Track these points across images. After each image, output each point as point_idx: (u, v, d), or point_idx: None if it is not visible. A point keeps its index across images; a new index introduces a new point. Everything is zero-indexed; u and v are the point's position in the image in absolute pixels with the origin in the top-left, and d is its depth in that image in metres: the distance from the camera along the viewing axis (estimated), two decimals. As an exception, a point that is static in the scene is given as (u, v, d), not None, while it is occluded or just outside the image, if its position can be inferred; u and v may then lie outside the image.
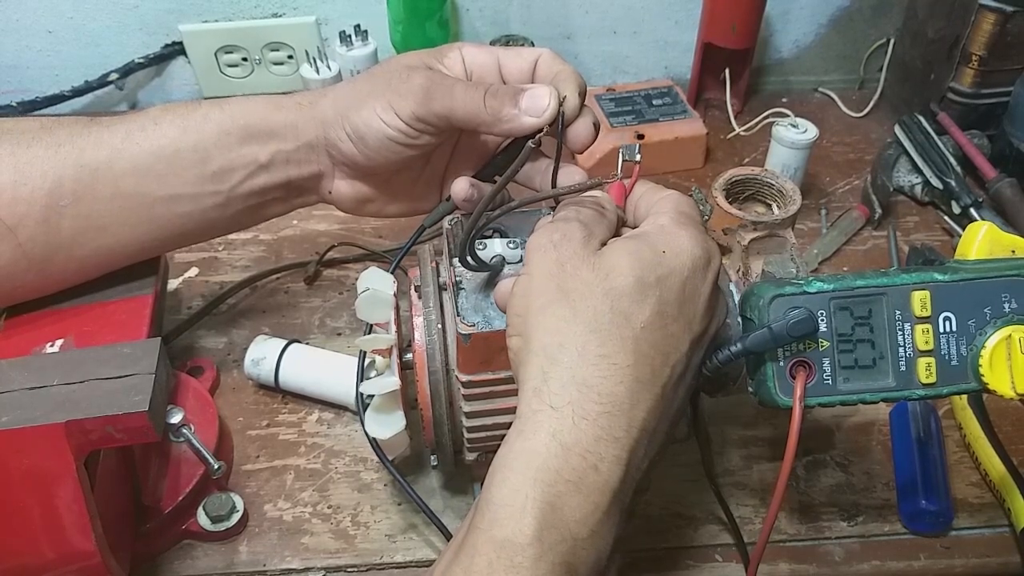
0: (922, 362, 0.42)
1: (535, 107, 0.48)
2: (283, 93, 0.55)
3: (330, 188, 0.56)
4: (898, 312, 0.42)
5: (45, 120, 0.54)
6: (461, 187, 0.52)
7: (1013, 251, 0.44)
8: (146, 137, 0.52)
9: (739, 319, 0.45)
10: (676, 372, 0.40)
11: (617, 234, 0.44)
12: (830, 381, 0.42)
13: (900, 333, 0.42)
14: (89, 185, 0.51)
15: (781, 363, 0.42)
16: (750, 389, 0.44)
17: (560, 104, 0.48)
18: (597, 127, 0.49)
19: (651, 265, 0.39)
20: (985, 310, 0.42)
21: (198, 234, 0.56)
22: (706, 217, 0.46)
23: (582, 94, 0.49)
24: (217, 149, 0.52)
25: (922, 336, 0.42)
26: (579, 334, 0.38)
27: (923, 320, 0.42)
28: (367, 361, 0.53)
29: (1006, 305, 0.42)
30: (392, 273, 0.54)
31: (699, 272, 0.41)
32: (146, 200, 0.52)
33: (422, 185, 0.57)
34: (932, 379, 0.42)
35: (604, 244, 0.42)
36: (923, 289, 0.42)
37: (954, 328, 0.42)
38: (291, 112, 0.53)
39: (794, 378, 0.42)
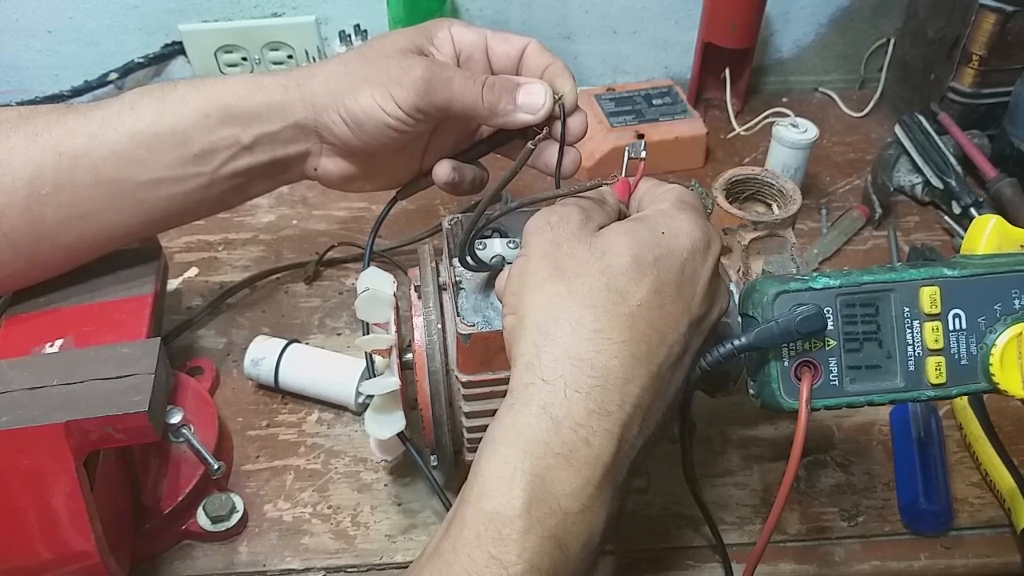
0: (931, 361, 0.40)
1: (531, 104, 0.49)
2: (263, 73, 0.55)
3: (316, 166, 0.56)
4: (907, 309, 0.40)
5: (23, 109, 0.53)
6: (444, 170, 0.54)
7: (1022, 245, 0.42)
8: (123, 122, 0.52)
9: (739, 318, 0.43)
10: (674, 352, 0.39)
11: None
12: (836, 382, 0.40)
13: (909, 331, 0.40)
14: (69, 173, 0.51)
15: (786, 363, 0.40)
16: (751, 391, 0.43)
17: (559, 99, 0.50)
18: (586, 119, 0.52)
19: (649, 245, 0.39)
20: (995, 307, 0.40)
21: (184, 216, 0.56)
22: (709, 211, 0.46)
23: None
24: (197, 131, 0.52)
25: (932, 334, 0.40)
26: (574, 309, 0.38)
27: (933, 317, 0.40)
28: (366, 361, 0.53)
29: (1016, 302, 0.41)
30: (371, 246, 0.56)
31: (699, 254, 0.40)
32: (128, 185, 0.52)
33: (404, 160, 0.57)
34: (942, 379, 0.40)
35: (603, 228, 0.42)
36: (932, 285, 0.40)
37: (964, 326, 0.40)
38: (275, 93, 0.52)
39: (799, 379, 0.40)
